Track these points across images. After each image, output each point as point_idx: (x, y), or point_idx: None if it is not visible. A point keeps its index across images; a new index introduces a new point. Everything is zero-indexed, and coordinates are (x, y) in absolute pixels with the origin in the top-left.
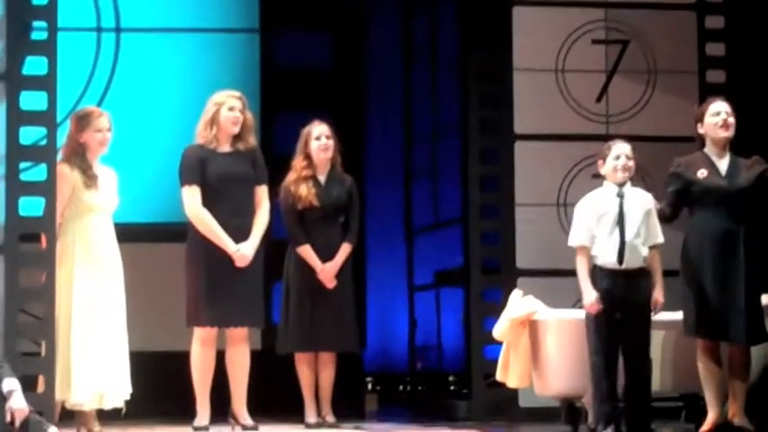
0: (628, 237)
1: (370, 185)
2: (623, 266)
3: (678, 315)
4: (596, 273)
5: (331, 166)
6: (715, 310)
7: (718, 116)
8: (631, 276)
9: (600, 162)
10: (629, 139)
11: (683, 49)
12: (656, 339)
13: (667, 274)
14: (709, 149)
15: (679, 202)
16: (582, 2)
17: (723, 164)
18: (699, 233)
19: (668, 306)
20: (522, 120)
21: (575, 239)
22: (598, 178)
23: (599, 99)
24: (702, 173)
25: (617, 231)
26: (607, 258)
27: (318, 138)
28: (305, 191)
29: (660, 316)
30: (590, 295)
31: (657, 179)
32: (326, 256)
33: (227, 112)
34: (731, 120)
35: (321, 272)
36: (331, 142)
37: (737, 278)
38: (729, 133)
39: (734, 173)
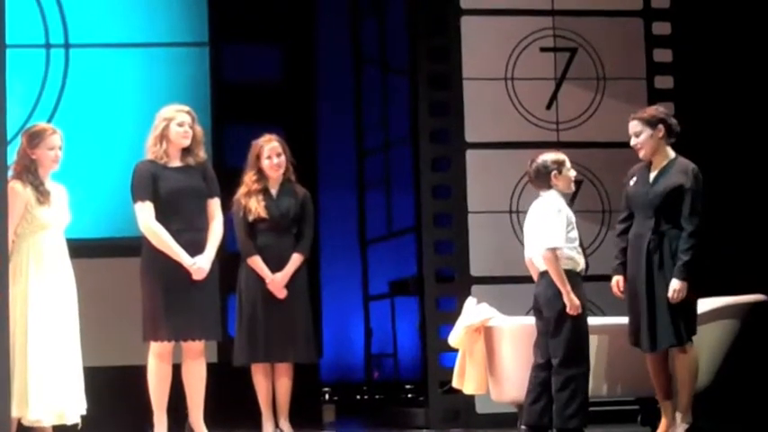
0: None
1: (323, 196)
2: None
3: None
4: (574, 278)
5: (284, 179)
6: (633, 316)
7: (632, 140)
8: None
9: (555, 174)
10: (579, 145)
11: (630, 56)
12: (609, 344)
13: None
14: None
15: None
16: (529, 10)
17: (655, 172)
18: (629, 241)
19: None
20: (473, 128)
21: (559, 240)
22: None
23: (549, 106)
24: (633, 181)
25: (578, 239)
26: (582, 264)
27: (269, 157)
28: (254, 204)
29: (613, 320)
30: (576, 299)
31: (608, 185)
32: (278, 267)
33: (177, 127)
34: (639, 141)
35: (270, 282)
36: (283, 159)
37: (644, 285)
38: (642, 155)
39: (658, 181)
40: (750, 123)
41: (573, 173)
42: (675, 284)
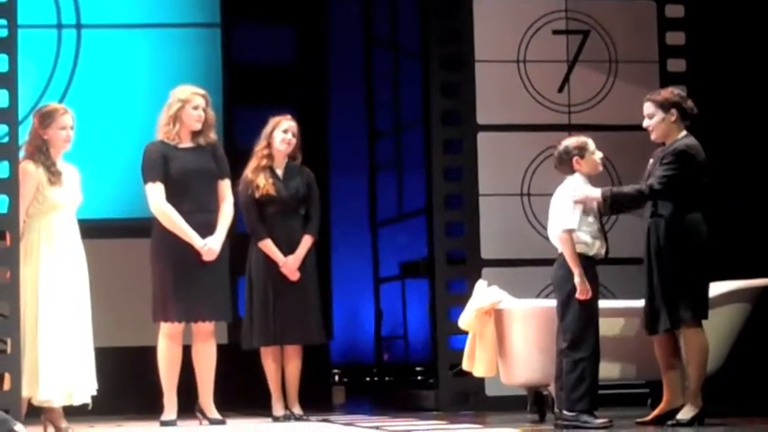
0: None
1: (334, 177)
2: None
3: (639, 303)
4: (586, 262)
5: (289, 159)
6: (644, 300)
7: (644, 122)
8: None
9: (576, 159)
10: (591, 128)
11: (643, 39)
12: (621, 327)
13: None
14: None
15: None
16: None
17: (662, 154)
18: None
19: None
20: (485, 110)
21: (574, 222)
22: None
23: (560, 89)
24: (650, 164)
25: (598, 223)
26: (598, 249)
27: (285, 131)
28: (263, 181)
29: (624, 303)
30: (587, 283)
31: (620, 168)
32: (288, 248)
33: (192, 110)
34: (651, 123)
35: (284, 265)
36: (294, 140)
37: (645, 269)
38: (653, 137)
39: (656, 163)
40: (763, 106)
41: (599, 155)
42: (591, 191)
